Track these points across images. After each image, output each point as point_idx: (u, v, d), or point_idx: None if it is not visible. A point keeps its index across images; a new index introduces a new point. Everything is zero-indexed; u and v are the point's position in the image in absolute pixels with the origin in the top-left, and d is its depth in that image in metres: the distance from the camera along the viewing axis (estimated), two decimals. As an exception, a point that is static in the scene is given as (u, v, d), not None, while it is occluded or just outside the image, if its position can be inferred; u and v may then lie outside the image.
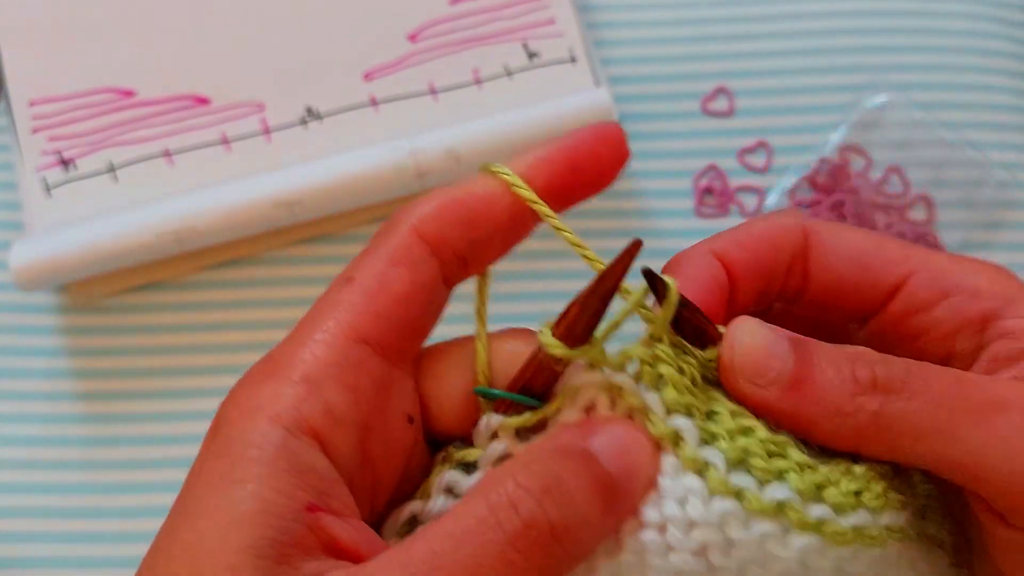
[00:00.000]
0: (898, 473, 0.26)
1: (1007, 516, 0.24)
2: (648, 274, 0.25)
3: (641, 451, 0.23)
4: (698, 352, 0.25)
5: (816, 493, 0.24)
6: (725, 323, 0.26)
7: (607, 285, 0.24)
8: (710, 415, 0.25)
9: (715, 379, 0.26)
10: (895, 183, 0.55)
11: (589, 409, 0.24)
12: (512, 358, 0.25)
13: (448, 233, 0.25)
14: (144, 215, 0.51)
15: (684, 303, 0.25)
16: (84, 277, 0.52)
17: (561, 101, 0.53)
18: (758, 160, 0.56)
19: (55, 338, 0.53)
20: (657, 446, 0.24)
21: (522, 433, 0.25)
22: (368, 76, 0.55)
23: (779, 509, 0.23)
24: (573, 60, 0.55)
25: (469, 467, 0.25)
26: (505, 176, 0.26)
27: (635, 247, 0.24)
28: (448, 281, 0.26)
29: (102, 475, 0.50)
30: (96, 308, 0.53)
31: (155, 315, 0.53)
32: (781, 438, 0.24)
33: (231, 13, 0.56)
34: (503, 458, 0.24)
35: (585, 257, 0.26)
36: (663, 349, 0.25)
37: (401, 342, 0.24)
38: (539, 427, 0.25)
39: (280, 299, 0.53)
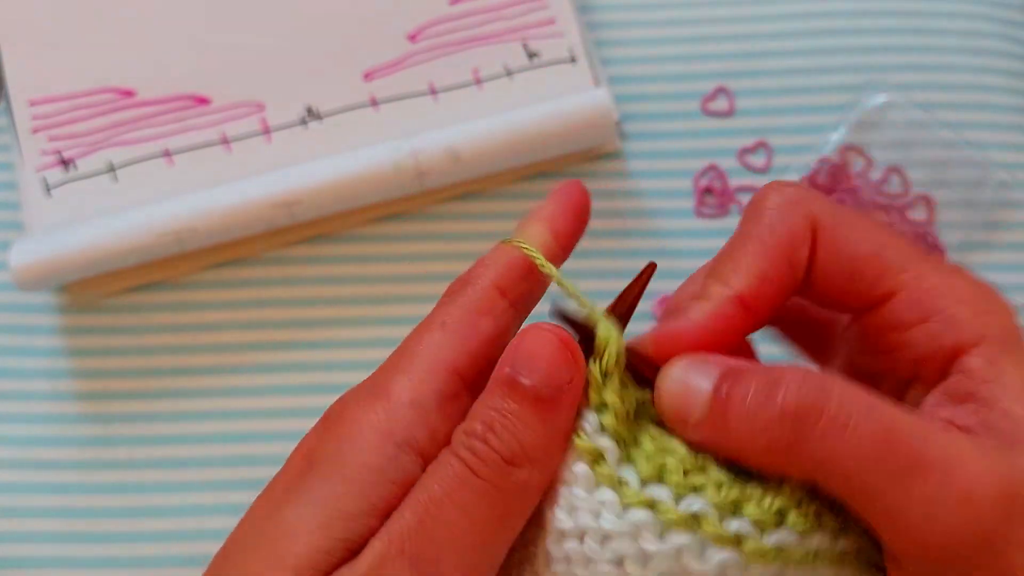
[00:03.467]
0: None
1: (904, 565, 0.24)
2: (576, 325, 0.27)
3: (553, 351, 0.26)
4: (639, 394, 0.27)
5: (733, 508, 0.24)
6: (739, 346, 0.27)
7: (622, 310, 0.27)
8: (636, 442, 0.25)
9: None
10: (895, 183, 0.55)
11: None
12: None
13: (518, 286, 0.29)
14: (144, 215, 0.51)
15: (629, 350, 0.27)
16: (84, 277, 0.52)
17: (561, 101, 0.53)
18: (758, 160, 0.56)
19: (55, 338, 0.53)
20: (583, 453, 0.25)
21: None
22: (368, 76, 0.55)
23: (694, 521, 0.24)
24: (573, 60, 0.55)
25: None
26: (522, 246, 0.30)
27: (648, 272, 0.28)
28: (517, 322, 0.30)
29: (102, 475, 0.50)
30: (96, 308, 0.53)
31: (155, 315, 0.53)
32: (701, 459, 0.25)
33: (231, 13, 0.56)
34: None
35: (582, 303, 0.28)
36: (611, 383, 0.26)
37: (485, 378, 0.27)
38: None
39: (280, 299, 0.53)
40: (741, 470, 0.25)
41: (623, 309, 0.27)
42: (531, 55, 0.55)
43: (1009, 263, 0.54)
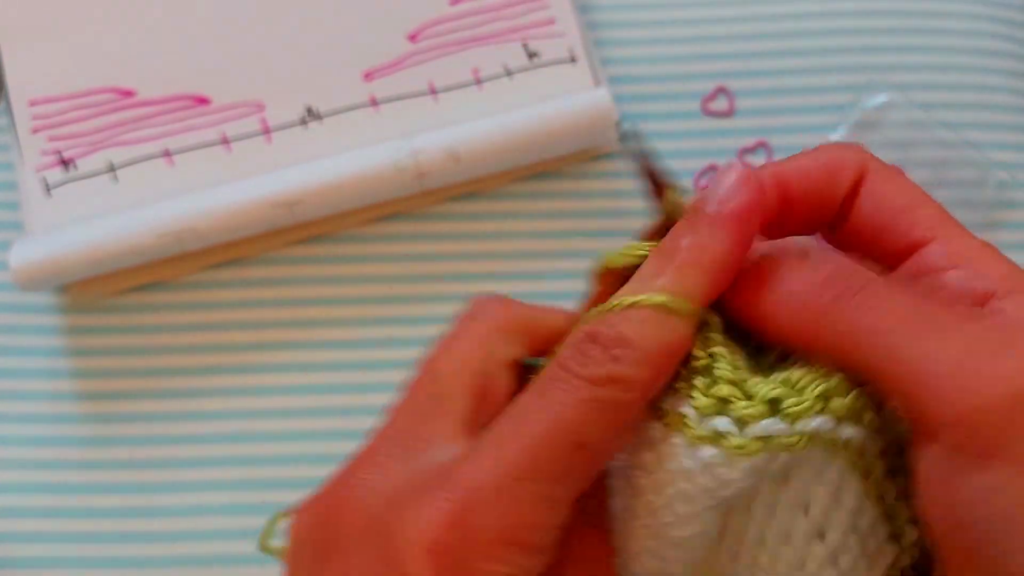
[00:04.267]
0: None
1: (930, 441, 0.23)
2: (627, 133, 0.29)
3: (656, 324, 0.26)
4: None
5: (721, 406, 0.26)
6: (767, 236, 0.28)
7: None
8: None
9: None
10: (895, 183, 0.55)
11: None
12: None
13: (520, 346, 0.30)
14: (144, 215, 0.51)
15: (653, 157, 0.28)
16: (84, 277, 0.52)
17: (561, 101, 0.53)
18: (758, 160, 0.56)
19: (55, 338, 0.53)
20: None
21: None
22: (368, 76, 0.55)
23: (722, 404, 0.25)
24: (573, 60, 0.55)
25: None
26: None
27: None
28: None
29: (102, 475, 0.50)
30: (96, 308, 0.53)
31: (155, 315, 0.53)
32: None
33: (231, 13, 0.56)
34: None
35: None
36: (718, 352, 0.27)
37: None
38: None
39: (280, 299, 0.53)
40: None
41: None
42: (531, 55, 0.55)
43: (1009, 263, 0.54)
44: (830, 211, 0.28)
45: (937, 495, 0.23)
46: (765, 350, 0.28)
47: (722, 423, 0.25)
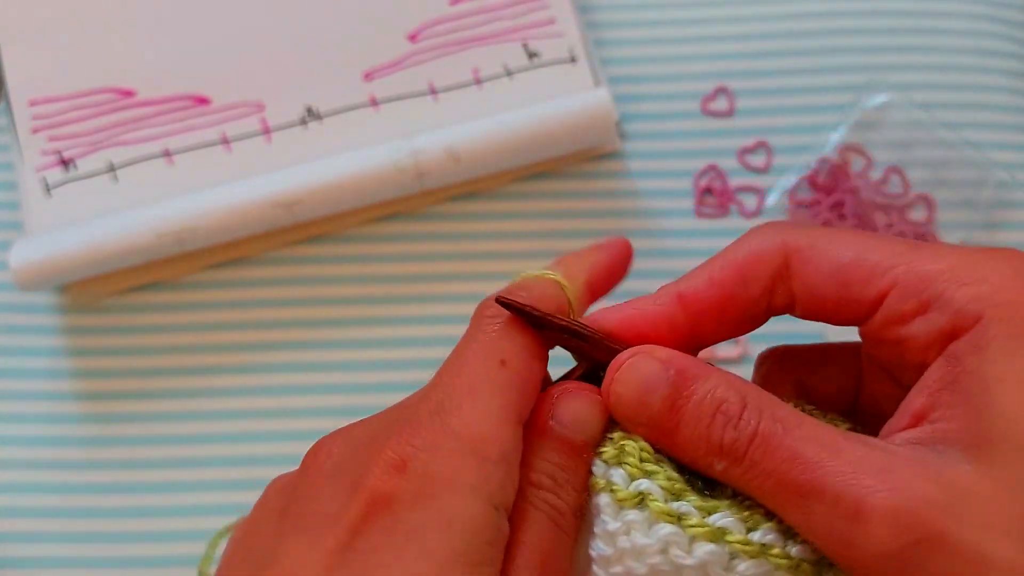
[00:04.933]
0: None
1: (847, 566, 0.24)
2: (504, 303, 0.28)
3: (590, 408, 0.28)
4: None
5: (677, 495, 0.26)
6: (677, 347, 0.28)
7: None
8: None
9: None
10: (895, 183, 0.55)
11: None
12: None
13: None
14: (144, 215, 0.51)
15: (561, 325, 0.28)
16: (84, 277, 0.52)
17: (561, 101, 0.53)
18: (758, 160, 0.56)
19: (55, 338, 0.53)
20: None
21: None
22: (368, 76, 0.55)
23: (720, 534, 0.25)
24: (573, 60, 0.55)
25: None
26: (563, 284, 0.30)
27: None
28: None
29: (103, 475, 0.50)
30: (96, 308, 0.53)
31: (155, 315, 0.53)
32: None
33: (231, 13, 0.56)
34: None
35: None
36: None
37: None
38: None
39: (280, 299, 0.53)
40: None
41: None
42: (531, 55, 0.55)
43: (1009, 263, 0.54)
44: (753, 307, 0.28)
45: None
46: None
47: (683, 505, 0.26)
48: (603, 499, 0.26)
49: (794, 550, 0.25)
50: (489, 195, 0.55)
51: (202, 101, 0.55)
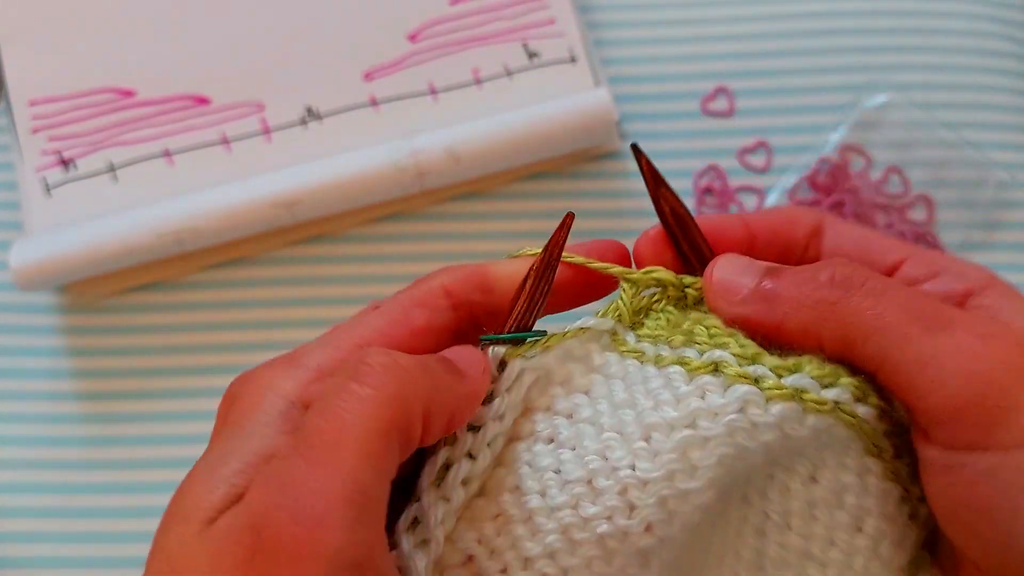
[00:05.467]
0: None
1: (930, 430, 0.26)
2: (634, 148, 0.32)
3: (480, 358, 0.28)
4: (689, 280, 0.30)
5: (754, 359, 0.27)
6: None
7: (539, 289, 0.29)
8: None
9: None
10: (895, 183, 0.55)
11: (567, 354, 0.29)
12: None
13: (469, 295, 0.30)
14: (144, 215, 0.51)
15: (674, 196, 0.31)
16: (84, 277, 0.52)
17: (561, 101, 0.53)
18: (758, 160, 0.56)
19: (55, 338, 0.53)
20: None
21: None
22: (368, 76, 0.55)
23: (796, 393, 0.26)
24: (573, 60, 0.55)
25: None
26: (526, 253, 0.31)
27: (563, 231, 0.31)
28: (458, 335, 0.30)
29: (103, 475, 0.50)
30: (96, 308, 0.53)
31: (155, 315, 0.53)
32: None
33: (231, 13, 0.56)
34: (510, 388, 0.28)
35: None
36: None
37: None
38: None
39: (280, 299, 0.53)
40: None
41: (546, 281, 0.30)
42: (531, 55, 0.55)
43: (1009, 263, 0.54)
44: (791, 250, 0.32)
45: (939, 480, 0.26)
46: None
47: (759, 369, 0.26)
48: (672, 371, 0.27)
49: (861, 410, 0.26)
50: (489, 195, 0.55)
51: (202, 101, 0.55)
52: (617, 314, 0.29)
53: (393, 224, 0.55)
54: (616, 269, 0.30)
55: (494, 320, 0.30)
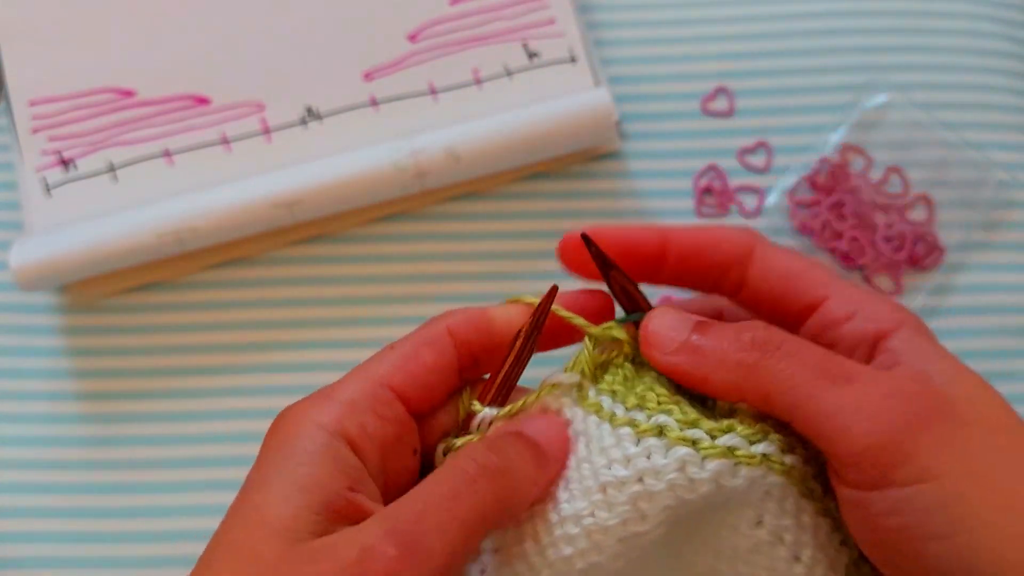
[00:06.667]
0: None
1: (840, 472, 0.30)
2: (584, 238, 0.34)
3: (560, 434, 0.32)
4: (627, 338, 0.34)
5: (693, 423, 0.31)
6: (648, 280, 0.35)
7: (527, 348, 0.34)
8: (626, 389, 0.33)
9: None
10: (895, 183, 0.55)
11: (545, 409, 0.34)
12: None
13: (470, 336, 0.34)
14: (144, 215, 0.51)
15: (622, 275, 0.34)
16: (84, 277, 0.52)
17: (561, 101, 0.53)
18: (758, 160, 0.56)
19: (55, 338, 0.53)
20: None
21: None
22: (368, 76, 0.55)
23: (728, 451, 0.30)
24: (573, 60, 0.55)
25: None
26: (528, 302, 0.35)
27: (548, 299, 0.34)
28: (462, 371, 0.34)
29: (103, 475, 0.50)
30: (96, 308, 0.53)
31: (155, 315, 0.53)
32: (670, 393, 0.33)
33: (231, 13, 0.56)
34: None
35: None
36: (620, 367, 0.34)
37: (418, 399, 0.32)
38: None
39: (280, 299, 0.53)
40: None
41: (526, 353, 0.34)
42: (531, 55, 0.55)
43: (1008, 263, 0.54)
44: (710, 272, 0.35)
45: (854, 515, 0.30)
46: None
47: (697, 432, 0.31)
48: (623, 431, 0.31)
49: (788, 459, 0.31)
50: (489, 195, 0.55)
51: (202, 101, 0.55)
52: (580, 368, 0.34)
53: (393, 224, 0.55)
54: (579, 321, 0.34)
55: (492, 357, 0.34)
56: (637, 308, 0.35)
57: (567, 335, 0.35)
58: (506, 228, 0.55)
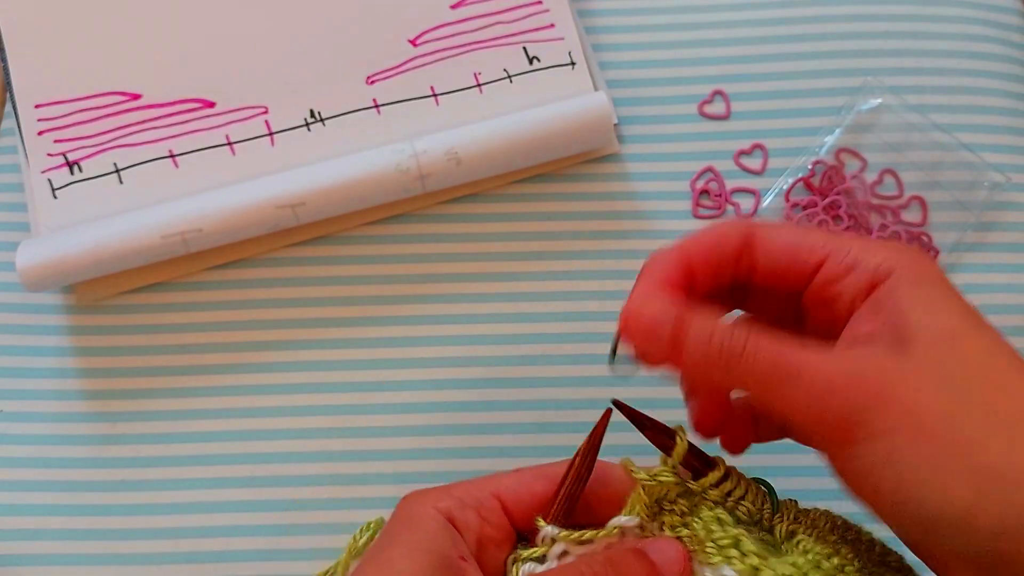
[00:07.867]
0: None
1: (808, 442, 0.34)
2: (615, 404, 0.37)
3: (679, 557, 0.34)
4: (694, 485, 0.36)
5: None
6: (687, 300, 0.35)
7: (585, 465, 0.36)
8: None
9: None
10: (889, 184, 0.56)
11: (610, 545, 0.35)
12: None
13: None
14: (149, 217, 0.51)
15: (655, 428, 0.36)
16: (90, 277, 0.52)
17: (561, 104, 0.54)
18: (754, 162, 0.57)
19: (61, 337, 0.53)
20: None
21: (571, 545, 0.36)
22: (370, 80, 0.56)
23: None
24: (572, 64, 0.56)
25: (538, 561, 0.35)
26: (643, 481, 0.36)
27: (604, 420, 0.36)
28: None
29: (108, 473, 0.51)
30: (102, 308, 0.54)
31: (160, 315, 0.54)
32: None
33: (236, 18, 0.56)
34: (563, 554, 0.35)
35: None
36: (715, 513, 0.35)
37: (521, 516, 0.36)
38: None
39: (284, 299, 0.54)
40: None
41: (585, 469, 0.36)
42: (531, 59, 0.56)
43: (1002, 264, 0.54)
44: (727, 267, 0.36)
45: (837, 472, 0.32)
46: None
47: None
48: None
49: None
50: (490, 197, 0.56)
51: (207, 104, 0.55)
52: (637, 510, 0.35)
53: (396, 225, 0.55)
54: (637, 475, 0.36)
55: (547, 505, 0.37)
56: (684, 452, 0.37)
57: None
58: (507, 229, 0.55)
